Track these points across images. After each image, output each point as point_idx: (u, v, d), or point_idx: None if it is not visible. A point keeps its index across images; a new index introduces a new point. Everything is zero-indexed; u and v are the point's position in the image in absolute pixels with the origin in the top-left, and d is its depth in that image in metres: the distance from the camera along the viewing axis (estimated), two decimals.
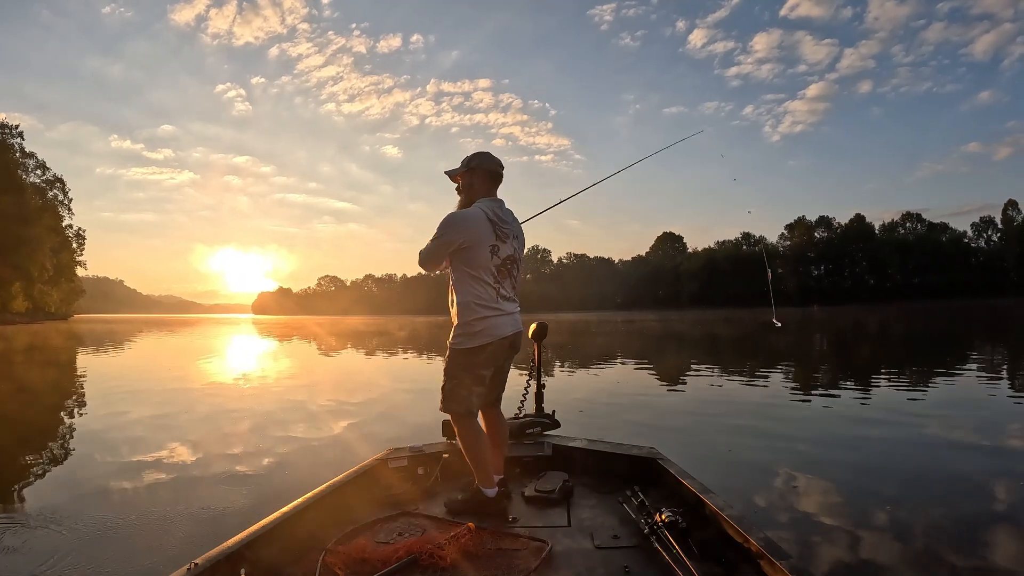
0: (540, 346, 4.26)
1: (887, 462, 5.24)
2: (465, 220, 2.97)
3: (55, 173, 79.71)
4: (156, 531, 3.79)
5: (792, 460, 5.29)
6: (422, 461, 3.56)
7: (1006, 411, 7.76)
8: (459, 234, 2.93)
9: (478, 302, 2.96)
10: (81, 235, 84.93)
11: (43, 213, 73.32)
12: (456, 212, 3.04)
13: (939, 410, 7.67)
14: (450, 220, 2.98)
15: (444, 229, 2.95)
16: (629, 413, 7.79)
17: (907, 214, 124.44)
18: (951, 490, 4.44)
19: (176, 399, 9.48)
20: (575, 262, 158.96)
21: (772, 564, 2.13)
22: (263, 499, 4.23)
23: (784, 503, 4.16)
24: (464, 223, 2.96)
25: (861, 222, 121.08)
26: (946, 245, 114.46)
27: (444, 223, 2.96)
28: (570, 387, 10.29)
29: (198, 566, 2.09)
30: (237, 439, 6.39)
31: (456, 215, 3.01)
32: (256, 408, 8.46)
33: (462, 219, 2.98)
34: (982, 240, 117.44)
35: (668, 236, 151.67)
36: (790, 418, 7.39)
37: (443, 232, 2.94)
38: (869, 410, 7.81)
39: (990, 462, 5.24)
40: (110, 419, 7.74)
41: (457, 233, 2.93)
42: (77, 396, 10.47)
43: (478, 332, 2.94)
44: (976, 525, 3.70)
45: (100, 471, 5.22)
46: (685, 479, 3.02)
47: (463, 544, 2.53)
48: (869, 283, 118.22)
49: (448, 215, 3.00)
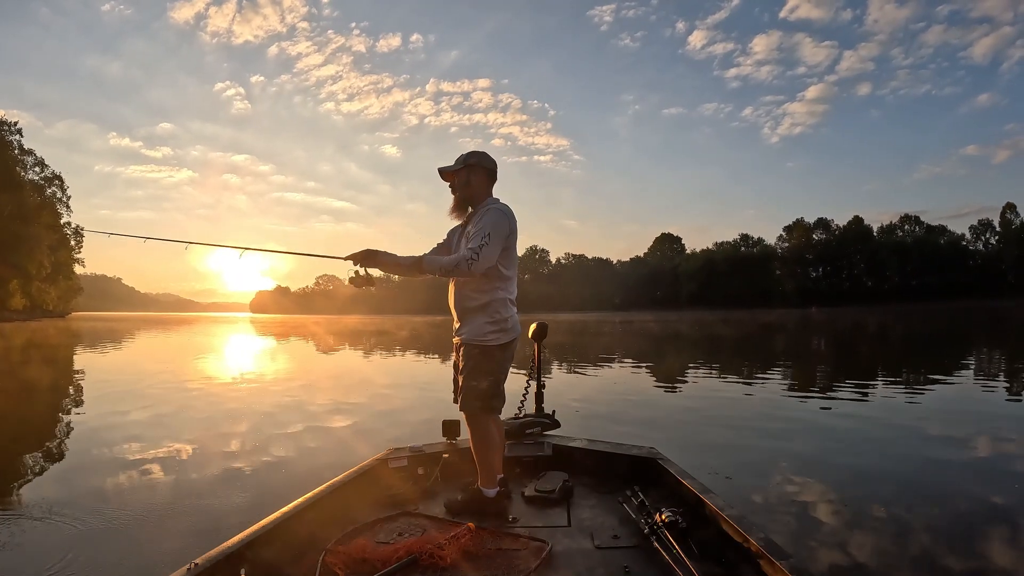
0: (540, 346, 4.26)
1: (886, 462, 5.24)
2: (513, 216, 2.96)
3: (53, 170, 79.81)
4: (156, 531, 3.78)
5: (792, 460, 5.30)
6: (422, 461, 3.56)
7: (1003, 413, 7.78)
8: (511, 230, 2.92)
9: (511, 298, 3.00)
10: (79, 233, 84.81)
11: (41, 210, 73.32)
12: (504, 207, 2.97)
13: (937, 411, 7.68)
14: (505, 215, 2.93)
15: (502, 223, 2.89)
16: (629, 413, 7.79)
17: (905, 216, 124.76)
18: (950, 490, 4.44)
19: (174, 398, 9.45)
20: (573, 263, 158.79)
21: (772, 564, 2.13)
22: (263, 499, 4.22)
23: (784, 503, 4.16)
24: (513, 218, 2.96)
25: (859, 224, 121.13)
26: (944, 247, 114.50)
27: (499, 218, 2.89)
28: (570, 387, 10.28)
29: (198, 566, 2.08)
30: (236, 439, 6.37)
31: (508, 212, 2.96)
32: (255, 407, 8.44)
33: (511, 215, 2.96)
34: (980, 243, 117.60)
35: (666, 237, 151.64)
36: (790, 418, 7.38)
37: (503, 227, 2.88)
38: (868, 410, 7.82)
39: (988, 462, 5.26)
40: (108, 418, 7.71)
41: (510, 228, 2.92)
42: (75, 394, 10.44)
43: (511, 327, 2.97)
44: (974, 525, 3.70)
45: (99, 470, 5.20)
46: (685, 479, 3.02)
47: (463, 544, 2.53)
48: (867, 285, 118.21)
49: (497, 210, 2.93)
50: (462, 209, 3.11)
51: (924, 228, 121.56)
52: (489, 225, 2.85)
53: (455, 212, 3.12)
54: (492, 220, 2.87)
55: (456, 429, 3.79)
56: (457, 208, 3.11)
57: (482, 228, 2.85)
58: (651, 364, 15.10)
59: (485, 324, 2.93)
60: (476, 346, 2.94)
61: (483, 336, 2.93)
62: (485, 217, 2.91)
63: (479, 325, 2.94)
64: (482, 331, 2.93)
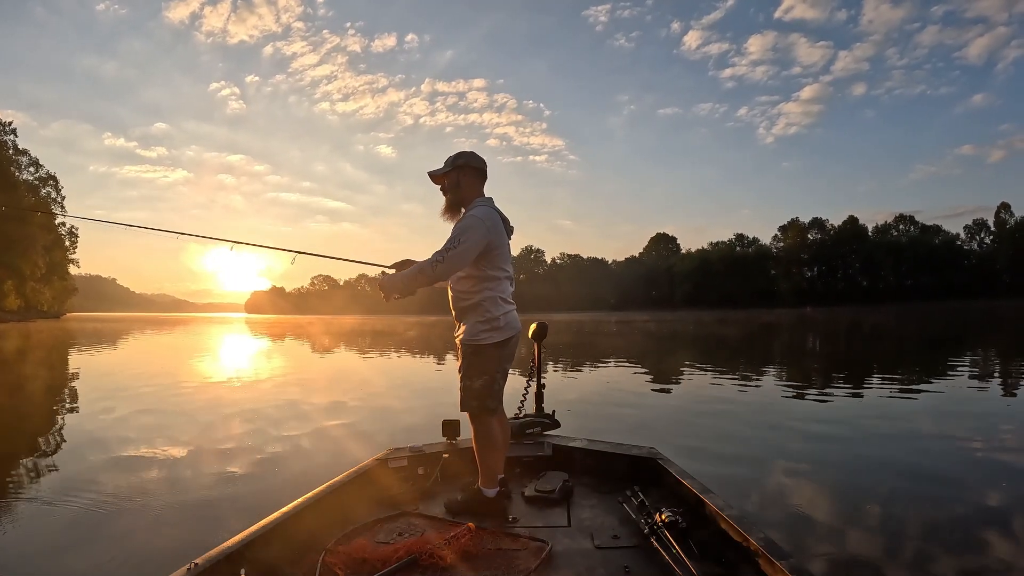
0: (540, 346, 4.26)
1: (886, 462, 5.26)
2: (493, 220, 2.95)
3: (48, 171, 79.36)
4: (156, 531, 3.77)
5: (792, 460, 5.32)
6: (422, 461, 3.56)
7: (997, 412, 7.83)
8: (489, 234, 2.90)
9: (502, 296, 2.99)
10: (74, 233, 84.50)
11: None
12: (481, 212, 2.95)
13: (934, 410, 7.72)
14: (479, 218, 2.91)
15: (474, 228, 2.87)
16: (629, 413, 7.81)
17: (900, 216, 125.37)
18: (950, 490, 4.46)
19: (171, 399, 9.43)
20: (568, 262, 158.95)
21: (772, 564, 2.13)
22: (263, 499, 4.22)
23: (784, 503, 4.17)
24: (493, 223, 2.94)
25: (854, 224, 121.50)
26: (939, 247, 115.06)
27: (471, 223, 2.88)
28: (569, 387, 10.29)
29: (198, 566, 2.08)
30: (236, 439, 6.37)
31: (483, 215, 2.94)
32: (253, 408, 8.43)
33: (490, 219, 2.94)
34: (975, 242, 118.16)
35: (662, 237, 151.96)
36: (790, 418, 7.40)
37: (475, 231, 2.86)
38: (867, 410, 7.85)
39: (986, 462, 5.29)
40: (106, 418, 7.70)
41: (488, 233, 2.89)
42: (71, 395, 10.41)
43: (504, 326, 2.96)
44: (973, 524, 3.72)
45: (98, 471, 5.19)
46: (685, 479, 3.02)
47: (463, 544, 2.52)
48: (862, 285, 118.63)
49: (474, 216, 2.92)
50: (455, 211, 3.10)
51: (919, 228, 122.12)
52: (459, 229, 2.88)
53: (447, 214, 3.11)
54: (463, 225, 2.89)
55: (456, 429, 3.79)
56: (449, 210, 3.10)
57: (454, 234, 2.87)
58: (651, 364, 15.12)
59: (477, 324, 2.96)
60: (470, 345, 2.97)
61: (476, 336, 2.95)
62: (460, 223, 2.94)
63: (472, 325, 2.97)
64: (475, 331, 2.96)
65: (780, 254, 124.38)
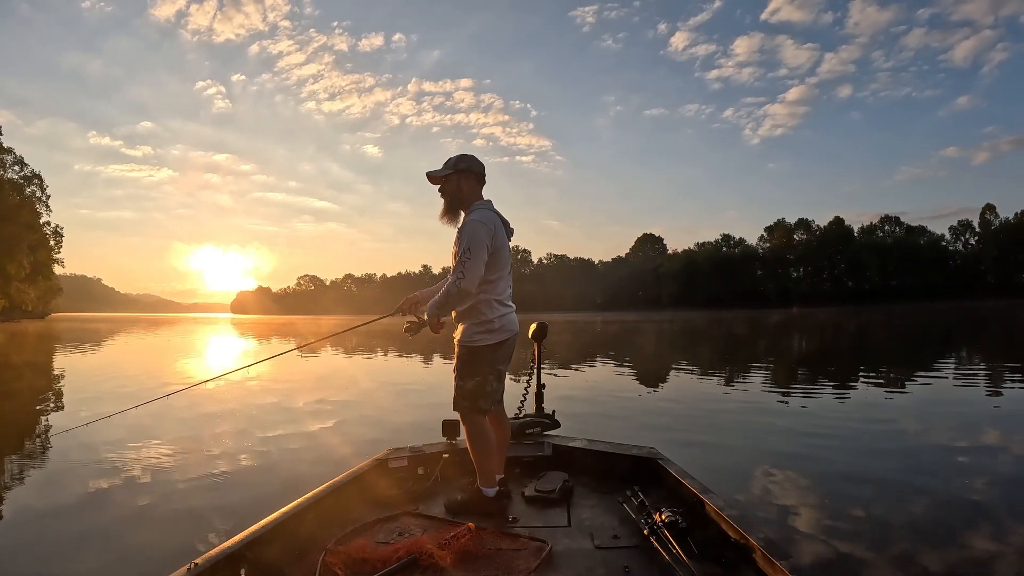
0: (540, 346, 4.26)
1: (886, 462, 5.30)
2: (494, 223, 2.95)
3: (33, 169, 78.26)
4: (155, 532, 3.75)
5: (792, 460, 5.34)
6: (422, 461, 3.55)
7: (989, 412, 7.93)
8: (492, 233, 2.90)
9: (498, 299, 2.99)
10: (59, 232, 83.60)
11: (20, 210, 72.08)
12: (481, 215, 2.95)
13: (931, 410, 7.84)
14: (481, 222, 2.90)
15: (479, 233, 2.87)
16: (628, 413, 7.83)
17: (885, 217, 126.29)
18: (949, 489, 4.50)
19: (164, 400, 9.33)
20: (555, 263, 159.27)
21: (772, 564, 2.14)
22: (262, 499, 4.20)
23: (784, 503, 4.20)
24: (494, 226, 2.94)
25: (840, 224, 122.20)
26: (924, 248, 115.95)
27: (475, 229, 2.88)
28: (569, 387, 10.29)
29: (198, 566, 2.07)
30: (235, 439, 6.35)
31: (484, 218, 2.93)
32: (248, 409, 8.38)
33: (491, 222, 2.94)
34: (960, 243, 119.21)
35: (648, 237, 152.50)
36: (789, 418, 7.46)
37: (480, 236, 2.86)
38: (866, 410, 7.93)
39: (984, 461, 5.35)
40: (96, 420, 7.60)
41: (490, 233, 2.89)
42: (66, 396, 10.31)
43: (499, 328, 2.97)
44: (973, 524, 3.76)
45: (97, 472, 5.16)
46: (685, 479, 3.03)
47: (463, 544, 2.52)
48: (847, 285, 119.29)
49: (475, 222, 2.91)
50: (454, 213, 3.09)
51: (904, 229, 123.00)
52: (466, 240, 2.87)
53: (446, 217, 3.10)
54: (468, 233, 2.88)
55: (456, 429, 3.78)
56: (448, 213, 3.10)
57: (462, 246, 2.87)
58: (650, 364, 15.19)
59: (472, 326, 2.98)
60: (465, 347, 3.00)
61: (471, 337, 2.97)
62: (462, 233, 2.93)
63: (467, 327, 2.99)
64: (470, 332, 2.98)
65: (766, 255, 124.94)
